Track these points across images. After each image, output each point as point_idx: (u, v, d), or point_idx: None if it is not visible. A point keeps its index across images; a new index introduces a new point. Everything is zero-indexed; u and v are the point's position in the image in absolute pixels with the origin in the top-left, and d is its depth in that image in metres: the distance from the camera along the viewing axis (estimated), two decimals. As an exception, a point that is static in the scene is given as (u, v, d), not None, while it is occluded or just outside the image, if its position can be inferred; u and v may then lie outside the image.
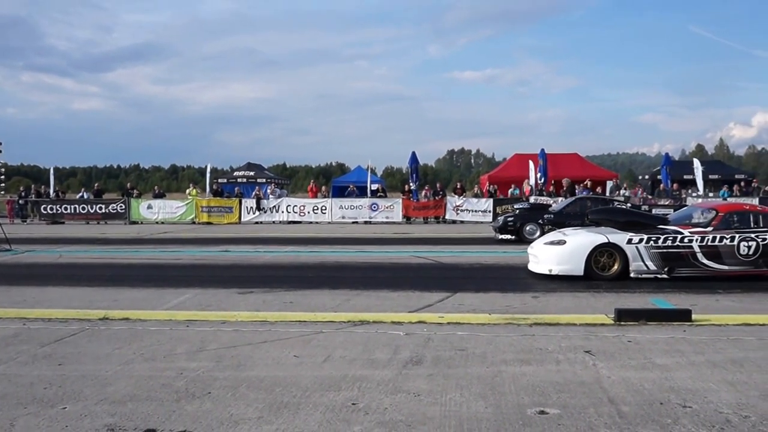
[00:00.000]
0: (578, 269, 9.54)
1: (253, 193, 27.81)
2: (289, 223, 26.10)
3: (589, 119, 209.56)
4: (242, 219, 26.30)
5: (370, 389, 4.48)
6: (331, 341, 5.93)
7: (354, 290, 8.85)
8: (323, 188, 31.22)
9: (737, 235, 9.45)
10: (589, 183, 25.42)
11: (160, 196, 29.24)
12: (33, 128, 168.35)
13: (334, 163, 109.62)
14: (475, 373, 4.86)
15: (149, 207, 26.99)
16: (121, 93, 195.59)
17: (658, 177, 28.51)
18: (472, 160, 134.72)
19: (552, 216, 16.99)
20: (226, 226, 25.08)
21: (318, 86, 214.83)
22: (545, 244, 10.25)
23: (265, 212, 26.46)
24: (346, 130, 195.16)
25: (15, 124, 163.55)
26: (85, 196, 29.25)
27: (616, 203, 17.54)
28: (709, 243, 9.43)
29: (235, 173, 38.27)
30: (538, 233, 16.27)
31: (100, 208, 27.03)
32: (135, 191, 29.14)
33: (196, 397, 4.37)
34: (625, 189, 27.06)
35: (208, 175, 30.39)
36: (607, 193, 25.90)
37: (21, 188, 30.56)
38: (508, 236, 17.16)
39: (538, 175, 25.66)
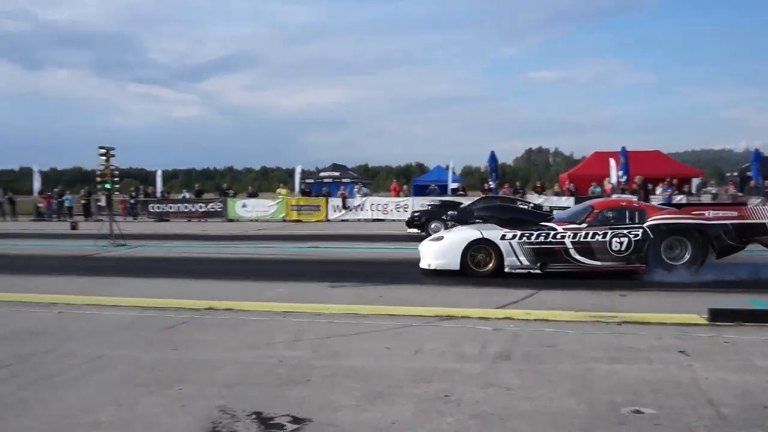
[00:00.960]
0: (454, 264, 9.61)
1: (339, 192, 28.20)
2: (374, 220, 26.31)
3: (670, 115, 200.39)
4: (329, 217, 26.73)
5: (462, 382, 4.44)
6: (420, 334, 5.93)
7: (440, 286, 8.80)
8: (404, 187, 31.25)
9: (609, 231, 9.29)
10: (675, 181, 24.23)
11: (253, 195, 30.13)
12: (139, 134, 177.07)
13: (413, 163, 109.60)
14: (565, 369, 4.72)
15: (244, 206, 27.86)
16: (215, 100, 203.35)
17: (748, 174, 26.75)
18: (550, 159, 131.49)
19: (456, 213, 16.84)
20: (314, 223, 25.53)
21: (396, 89, 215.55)
22: (428, 240, 10.38)
23: (351, 210, 26.78)
24: (424, 132, 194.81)
25: (123, 131, 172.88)
26: (187, 196, 30.49)
27: (518, 203, 16.97)
28: (581, 239, 9.33)
29: (321, 174, 38.90)
30: (442, 229, 15.77)
31: (201, 207, 28.15)
32: (231, 191, 30.14)
33: (297, 383, 4.47)
34: (713, 186, 25.63)
35: (297, 175, 31.08)
36: (693, 191, 24.64)
37: (132, 189, 32.16)
38: (415, 231, 17.27)
39: (620, 173, 24.74)
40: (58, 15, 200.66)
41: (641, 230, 9.24)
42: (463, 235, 9.92)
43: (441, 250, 9.88)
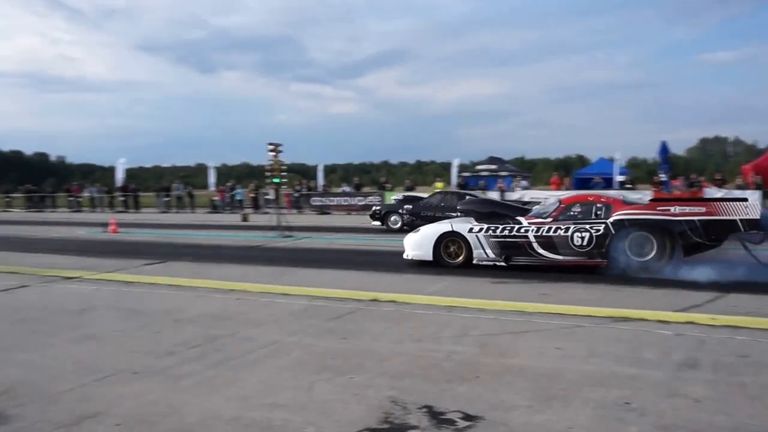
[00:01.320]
0: (428, 255, 10.37)
1: (497, 185, 27.82)
2: (532, 215, 25.62)
3: None
4: (486, 211, 26.43)
5: (643, 390, 4.16)
6: (592, 336, 5.65)
7: (611, 285, 8.32)
8: (565, 180, 30.10)
9: (572, 226, 9.42)
10: None
11: (410, 189, 30.59)
12: (300, 131, 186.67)
13: (573, 155, 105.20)
14: (765, 383, 4.26)
15: (401, 199, 28.43)
16: (370, 96, 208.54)
17: None
18: (729, 148, 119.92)
19: (411, 207, 18.43)
20: (471, 217, 25.38)
21: (553, 78, 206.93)
22: (411, 233, 11.07)
23: (508, 204, 26.30)
24: (584, 121, 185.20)
25: (286, 128, 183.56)
26: (347, 190, 31.70)
27: (468, 197, 16.92)
28: (544, 233, 9.58)
29: (478, 167, 38.71)
30: (399, 223, 18.25)
31: (360, 200, 29.15)
32: (388, 185, 30.86)
33: (466, 380, 4.44)
34: None
35: (454, 169, 31.13)
36: None
37: (296, 183, 34.03)
38: (378, 223, 18.84)
39: (820, 164, 21.95)
40: (229, 21, 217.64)
41: (603, 225, 9.28)
42: (436, 228, 10.69)
43: (417, 241, 10.65)
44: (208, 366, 4.93)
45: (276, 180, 16.62)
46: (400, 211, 18.54)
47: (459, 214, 14.79)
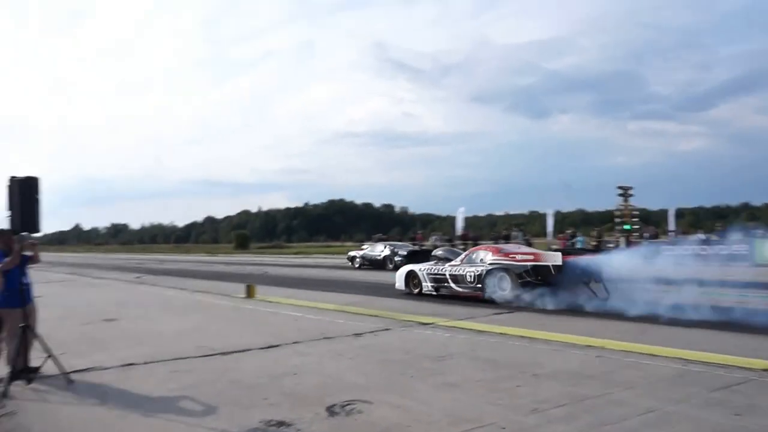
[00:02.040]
0: (402, 285, 15.68)
1: None
2: None
3: None
4: None
5: None
6: None
7: None
8: None
9: (467, 267, 13.74)
10: None
11: (789, 235, 26.45)
12: (639, 173, 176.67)
13: None
14: None
15: (778, 248, 24.66)
16: (724, 129, 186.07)
17: None
18: None
19: (362, 254, 30.49)
20: None
21: None
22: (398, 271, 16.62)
23: None
24: None
25: (624, 170, 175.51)
26: (702, 237, 28.79)
27: (392, 247, 29.33)
28: (453, 272, 14.10)
29: None
30: (358, 265, 30.08)
31: (722, 249, 26.14)
32: (759, 231, 27.15)
33: None
34: None
35: None
36: None
37: (643, 230, 32.18)
38: (350, 264, 30.68)
39: None
40: (560, 64, 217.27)
41: (482, 267, 13.35)
42: (405, 268, 15.92)
43: (398, 276, 15.96)
44: (579, 429, 4.75)
45: (627, 227, 15.92)
46: (357, 257, 30.36)
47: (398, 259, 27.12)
